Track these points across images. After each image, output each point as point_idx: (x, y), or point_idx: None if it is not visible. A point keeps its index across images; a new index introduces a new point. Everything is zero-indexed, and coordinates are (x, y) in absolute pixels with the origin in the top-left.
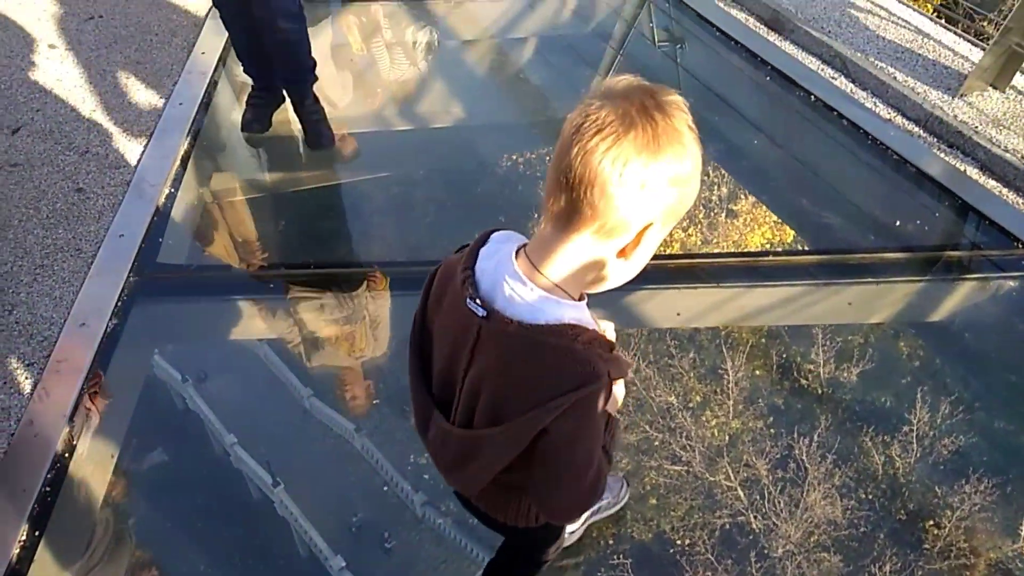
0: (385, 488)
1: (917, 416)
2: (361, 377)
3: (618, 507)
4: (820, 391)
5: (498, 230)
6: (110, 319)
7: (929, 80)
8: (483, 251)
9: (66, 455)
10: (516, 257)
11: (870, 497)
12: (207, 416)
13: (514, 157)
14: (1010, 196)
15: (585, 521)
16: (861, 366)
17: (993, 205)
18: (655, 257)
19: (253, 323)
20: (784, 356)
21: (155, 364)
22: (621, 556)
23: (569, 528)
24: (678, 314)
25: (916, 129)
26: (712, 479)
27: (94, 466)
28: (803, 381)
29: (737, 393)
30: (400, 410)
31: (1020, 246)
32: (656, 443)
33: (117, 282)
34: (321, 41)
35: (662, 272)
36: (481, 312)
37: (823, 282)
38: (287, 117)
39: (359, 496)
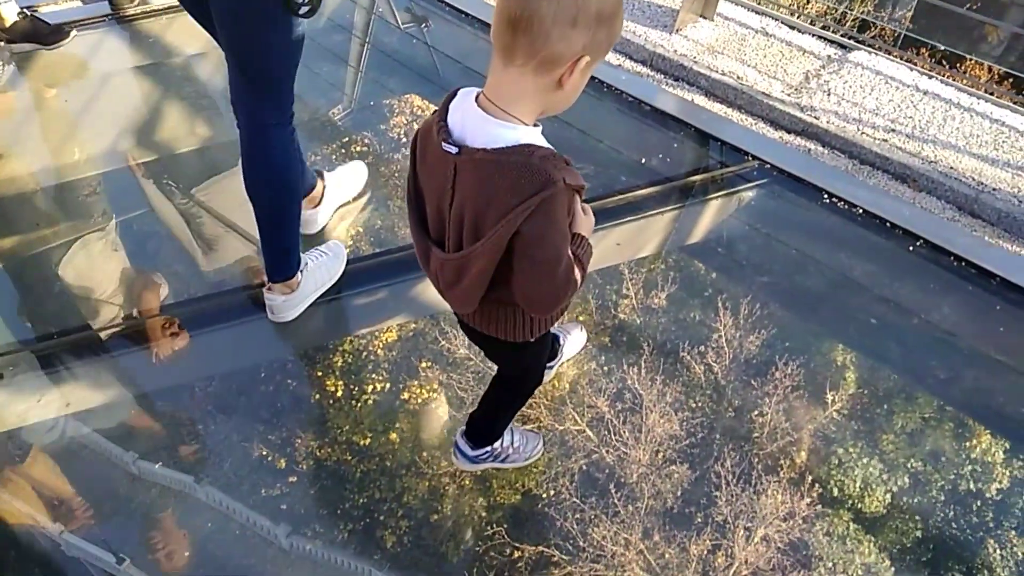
0: (241, 531)
1: (721, 322)
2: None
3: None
4: (638, 321)
5: (463, 87)
6: None
7: (647, 21)
8: (452, 105)
9: None
10: (476, 100)
11: (699, 405)
12: (24, 511)
13: None
14: (734, 115)
15: (555, 367)
16: (666, 291)
17: (721, 125)
18: None
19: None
20: (599, 298)
21: None
22: (494, 524)
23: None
24: None
25: (644, 69)
26: (562, 427)
27: None
28: (621, 316)
29: None
30: (242, 450)
31: (750, 158)
32: None
33: None
34: None
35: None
36: (454, 150)
37: None
38: None
39: (216, 548)
